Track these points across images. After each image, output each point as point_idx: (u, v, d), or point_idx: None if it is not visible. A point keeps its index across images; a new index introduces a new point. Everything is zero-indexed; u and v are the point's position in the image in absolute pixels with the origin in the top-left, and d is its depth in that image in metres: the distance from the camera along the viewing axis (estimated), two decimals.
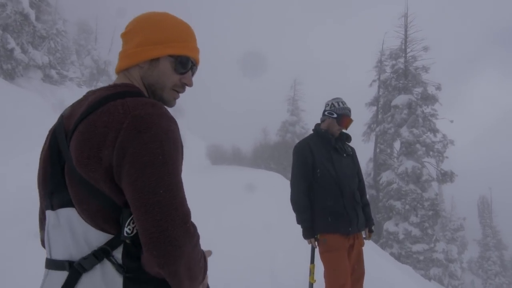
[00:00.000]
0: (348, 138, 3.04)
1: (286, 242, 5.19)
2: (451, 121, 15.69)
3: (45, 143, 1.06)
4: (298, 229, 2.87)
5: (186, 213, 0.90)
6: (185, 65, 1.12)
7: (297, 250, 4.24)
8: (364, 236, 2.95)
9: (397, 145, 17.95)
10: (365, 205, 2.99)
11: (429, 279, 15.06)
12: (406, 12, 18.14)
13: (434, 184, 16.66)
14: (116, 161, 0.86)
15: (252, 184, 8.80)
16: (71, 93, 17.03)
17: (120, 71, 1.12)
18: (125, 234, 0.89)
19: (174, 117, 0.98)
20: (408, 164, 15.53)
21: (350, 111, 2.96)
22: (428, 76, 16.81)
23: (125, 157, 0.86)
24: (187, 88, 1.17)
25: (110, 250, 0.90)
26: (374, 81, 20.03)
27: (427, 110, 16.25)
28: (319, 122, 3.07)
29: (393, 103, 16.99)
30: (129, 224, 0.89)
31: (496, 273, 28.77)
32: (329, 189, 2.77)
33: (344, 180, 2.80)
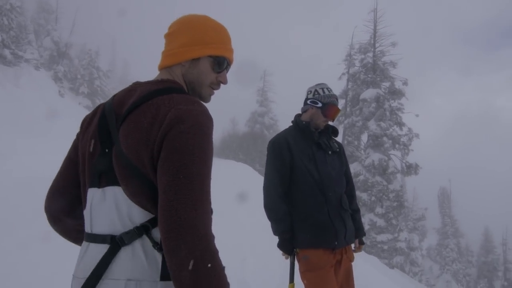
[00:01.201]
0: (334, 131, 2.55)
1: (257, 245, 4.83)
2: (417, 115, 16.14)
3: (93, 119, 1.17)
4: (269, 229, 2.54)
5: (201, 203, 0.93)
6: (222, 64, 1.24)
7: (269, 253, 3.84)
8: (353, 248, 2.48)
9: (364, 137, 18.28)
10: (355, 212, 2.51)
11: (392, 267, 15.60)
12: (376, 7, 18.34)
13: (399, 176, 17.16)
14: (157, 146, 0.97)
15: (220, 176, 8.55)
16: (28, 76, 15.91)
17: (163, 68, 1.24)
18: None
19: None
20: (375, 157, 15.84)
21: (337, 99, 2.49)
22: (396, 71, 17.16)
23: (163, 142, 0.96)
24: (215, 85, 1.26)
25: (151, 227, 0.99)
26: (343, 74, 20.20)
27: (394, 104, 16.61)
28: (299, 112, 2.56)
29: (361, 97, 17.21)
30: None
31: (453, 260, 30.44)
32: (311, 194, 2.29)
33: (328, 182, 2.32)
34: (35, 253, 3.76)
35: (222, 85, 1.29)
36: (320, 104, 2.42)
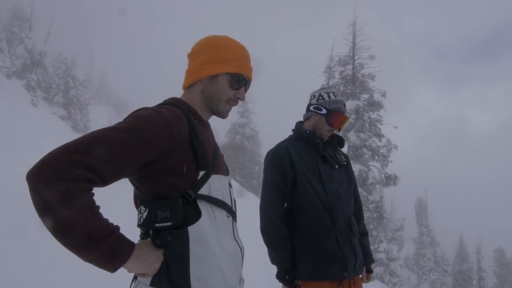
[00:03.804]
0: (340, 142, 2.24)
1: (248, 271, 4.64)
2: (395, 127, 16.40)
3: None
4: (260, 253, 2.32)
5: (77, 149, 0.98)
6: (239, 82, 1.33)
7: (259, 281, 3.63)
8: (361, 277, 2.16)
9: (344, 149, 18.42)
10: (363, 235, 2.21)
11: (372, 278, 15.59)
12: (354, 20, 18.74)
13: (378, 187, 17.32)
14: None
15: None
16: None
17: (185, 87, 1.36)
18: None
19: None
20: (355, 168, 15.95)
21: (344, 105, 2.17)
22: (374, 83, 17.48)
23: None
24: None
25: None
26: (323, 86, 20.40)
27: (373, 115, 16.86)
28: (301, 120, 2.25)
29: None
30: None
31: (430, 269, 30.86)
32: (316, 216, 1.96)
33: (336, 202, 1.99)
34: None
35: (240, 101, 1.36)
36: (324, 111, 2.11)
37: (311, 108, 2.17)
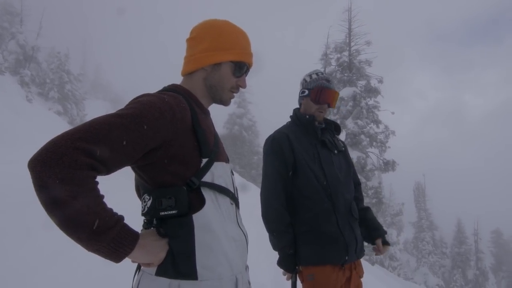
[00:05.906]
0: (337, 128, 2.24)
1: (250, 260, 4.68)
2: (392, 113, 16.40)
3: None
4: (262, 241, 2.30)
5: (80, 136, 0.95)
6: (242, 69, 1.31)
7: (259, 266, 3.66)
8: (375, 249, 2.18)
9: (342, 136, 18.45)
10: (366, 210, 2.24)
11: (373, 263, 15.77)
12: (350, 6, 18.55)
13: (377, 173, 17.40)
14: None
15: None
16: None
17: (185, 73, 1.32)
18: None
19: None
20: (353, 155, 16.00)
21: (328, 81, 2.12)
22: (371, 69, 17.40)
23: None
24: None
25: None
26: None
27: (370, 102, 16.82)
28: (298, 107, 2.26)
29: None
30: None
31: (429, 252, 31.27)
32: (316, 201, 1.96)
33: (337, 187, 1.99)
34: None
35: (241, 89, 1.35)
36: (306, 92, 2.12)
37: (300, 94, 2.20)
